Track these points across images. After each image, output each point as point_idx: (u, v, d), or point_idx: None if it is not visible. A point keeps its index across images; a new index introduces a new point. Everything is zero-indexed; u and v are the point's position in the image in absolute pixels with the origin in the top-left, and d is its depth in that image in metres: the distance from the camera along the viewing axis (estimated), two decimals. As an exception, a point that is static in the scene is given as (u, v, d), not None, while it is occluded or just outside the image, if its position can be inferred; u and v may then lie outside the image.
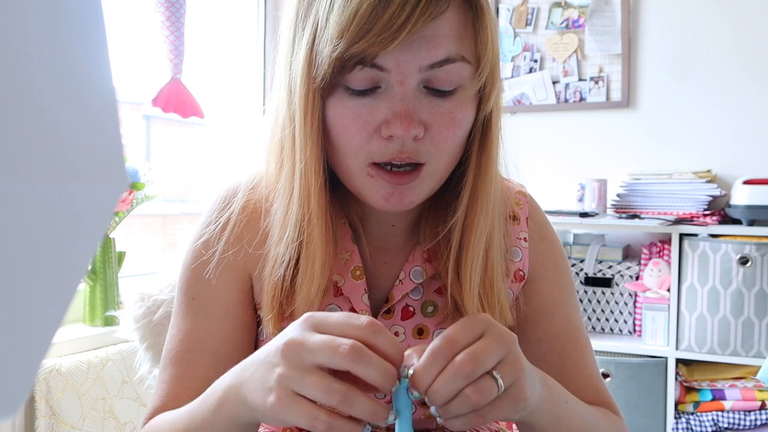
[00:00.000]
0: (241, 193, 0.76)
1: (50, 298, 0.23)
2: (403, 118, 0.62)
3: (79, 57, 0.23)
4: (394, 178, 0.65)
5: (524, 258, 0.79)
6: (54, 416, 1.46)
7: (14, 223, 0.21)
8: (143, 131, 3.42)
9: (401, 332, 0.74)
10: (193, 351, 0.73)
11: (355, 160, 0.65)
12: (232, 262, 0.75)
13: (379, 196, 0.66)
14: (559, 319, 0.79)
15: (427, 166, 0.66)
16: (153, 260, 2.37)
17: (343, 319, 0.53)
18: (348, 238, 0.75)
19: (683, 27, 2.29)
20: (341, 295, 0.74)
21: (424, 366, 0.52)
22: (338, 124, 0.65)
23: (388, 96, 0.63)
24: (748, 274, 1.96)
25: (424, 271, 0.75)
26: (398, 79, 0.63)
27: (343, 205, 0.74)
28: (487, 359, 0.52)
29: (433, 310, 0.75)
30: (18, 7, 0.21)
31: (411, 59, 0.62)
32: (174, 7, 1.84)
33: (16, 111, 0.20)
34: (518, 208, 0.81)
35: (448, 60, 0.63)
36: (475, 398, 0.51)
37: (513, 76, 2.49)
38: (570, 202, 2.36)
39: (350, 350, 0.50)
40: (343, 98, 0.64)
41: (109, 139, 0.24)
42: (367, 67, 0.62)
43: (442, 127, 0.65)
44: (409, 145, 0.64)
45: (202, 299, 0.75)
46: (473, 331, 0.53)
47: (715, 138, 2.26)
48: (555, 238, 0.84)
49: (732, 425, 1.95)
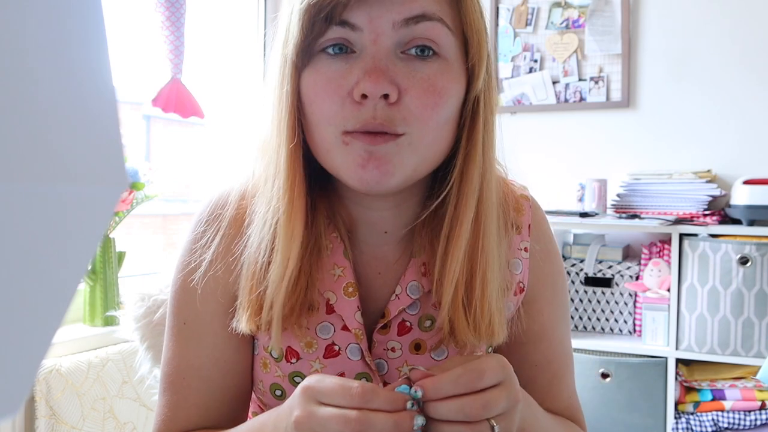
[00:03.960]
0: (229, 206, 0.74)
1: (50, 298, 0.23)
2: (371, 72, 0.60)
3: (79, 57, 0.23)
4: (369, 138, 0.61)
5: (524, 270, 0.77)
6: (54, 416, 1.46)
7: (14, 223, 0.21)
8: (143, 131, 3.42)
9: (398, 348, 0.72)
10: (188, 379, 0.73)
11: (329, 128, 0.62)
12: (219, 281, 0.73)
13: (355, 164, 0.62)
14: (554, 342, 0.79)
15: (406, 137, 0.62)
16: (153, 260, 2.37)
17: (338, 388, 0.55)
18: (340, 254, 0.71)
19: (683, 27, 2.29)
20: (333, 313, 0.71)
21: (445, 382, 0.55)
22: (312, 92, 0.63)
23: (362, 58, 0.61)
24: (748, 274, 1.96)
25: (420, 285, 0.72)
26: (371, 37, 0.61)
27: (331, 216, 0.72)
28: (494, 410, 0.55)
29: (431, 325, 0.73)
30: (18, 7, 0.21)
31: (384, 14, 0.60)
32: (174, 7, 1.84)
33: (16, 111, 0.20)
34: (520, 216, 0.77)
35: (424, 16, 0.61)
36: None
37: (513, 76, 2.49)
38: (570, 202, 2.36)
39: (356, 420, 0.53)
40: (318, 65, 0.63)
41: (109, 139, 0.24)
42: (337, 25, 0.61)
43: (421, 93, 0.61)
44: (382, 110, 0.61)
45: (191, 326, 0.74)
46: (497, 377, 0.56)
47: (715, 138, 2.26)
48: (556, 252, 0.81)
49: (732, 425, 1.95)
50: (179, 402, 0.73)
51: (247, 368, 0.76)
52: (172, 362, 0.74)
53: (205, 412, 0.73)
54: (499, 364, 0.57)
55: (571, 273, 2.26)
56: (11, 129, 0.20)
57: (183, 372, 0.73)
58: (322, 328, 0.72)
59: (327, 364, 0.71)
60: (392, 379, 0.72)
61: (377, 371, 0.72)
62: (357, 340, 0.71)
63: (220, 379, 0.74)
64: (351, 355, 0.71)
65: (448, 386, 0.54)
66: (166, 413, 0.74)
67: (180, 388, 0.73)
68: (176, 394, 0.73)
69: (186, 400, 0.73)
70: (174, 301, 0.75)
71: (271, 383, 0.74)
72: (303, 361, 0.72)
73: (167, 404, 0.74)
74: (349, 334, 0.71)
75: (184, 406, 0.73)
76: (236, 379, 0.75)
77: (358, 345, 0.71)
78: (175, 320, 0.75)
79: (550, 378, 0.78)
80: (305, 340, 0.71)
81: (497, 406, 0.55)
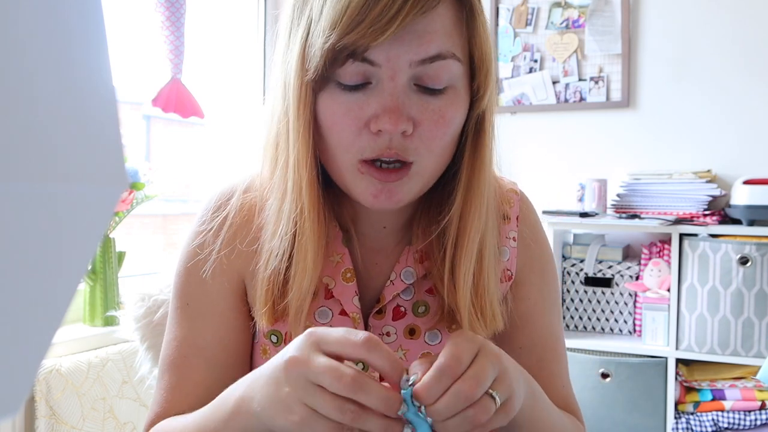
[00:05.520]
0: (236, 196, 0.76)
1: (50, 298, 0.23)
2: (391, 112, 0.63)
3: (79, 57, 0.23)
4: (382, 175, 0.65)
5: (512, 258, 0.80)
6: (54, 416, 1.46)
7: (14, 223, 0.21)
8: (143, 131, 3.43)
9: (393, 332, 0.75)
10: (190, 358, 0.74)
11: (346, 155, 0.66)
12: (225, 265, 0.75)
13: (368, 193, 0.66)
14: (541, 327, 0.80)
15: (415, 165, 0.66)
16: (153, 260, 2.37)
17: (342, 335, 0.55)
18: (339, 241, 0.75)
19: (683, 27, 2.29)
20: (332, 298, 0.74)
21: (431, 383, 0.55)
22: (329, 119, 0.66)
23: (379, 91, 0.64)
24: (748, 274, 1.96)
25: (415, 271, 0.75)
26: (388, 74, 0.63)
27: (335, 207, 0.75)
28: (486, 380, 0.55)
29: (425, 310, 0.75)
30: (18, 7, 0.21)
31: (402, 54, 0.63)
32: (174, 7, 1.84)
33: (16, 111, 0.20)
34: (509, 207, 0.81)
35: (439, 56, 0.64)
36: (476, 418, 0.55)
37: (513, 76, 2.49)
38: (570, 202, 2.36)
39: (352, 380, 0.52)
40: (335, 93, 0.65)
41: (109, 139, 0.24)
42: (358, 61, 0.63)
43: (431, 125, 0.65)
44: (397, 141, 0.64)
45: (196, 305, 0.75)
46: (473, 350, 0.56)
47: (715, 138, 2.26)
48: (545, 242, 0.84)
49: (732, 425, 1.95)
50: (179, 382, 0.73)
51: (247, 352, 0.77)
52: (173, 343, 0.75)
53: (206, 392, 0.72)
54: (465, 338, 0.58)
55: (571, 273, 2.26)
56: (11, 129, 0.20)
57: (186, 351, 0.74)
58: (321, 312, 0.74)
59: None
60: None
61: None
62: (354, 324, 0.73)
63: (224, 359, 0.74)
64: None
65: (436, 386, 0.54)
66: (165, 396, 0.74)
67: (181, 368, 0.74)
68: (177, 374, 0.74)
69: (187, 380, 0.73)
70: (178, 285, 0.77)
71: None
72: None
73: (166, 387, 0.74)
74: (347, 318, 0.73)
75: (186, 386, 0.73)
76: (238, 361, 0.76)
77: (356, 329, 0.73)
78: (178, 303, 0.76)
79: (536, 362, 0.79)
80: (304, 325, 0.73)
81: (486, 374, 0.55)
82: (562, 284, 2.27)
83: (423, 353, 0.74)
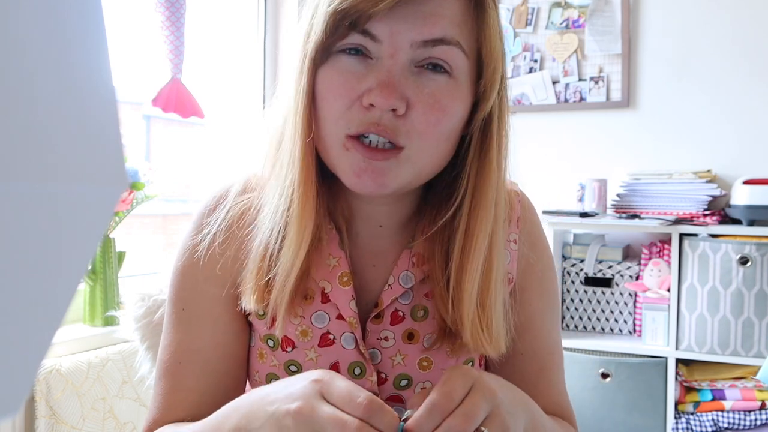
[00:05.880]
0: (231, 196, 0.76)
1: (50, 298, 0.23)
2: (384, 87, 0.62)
3: (79, 57, 0.23)
4: (368, 152, 0.64)
5: (512, 261, 0.79)
6: (54, 416, 1.46)
7: (14, 223, 0.21)
8: (143, 131, 3.43)
9: (391, 337, 0.74)
10: (185, 363, 0.74)
11: (333, 128, 0.65)
12: (220, 268, 0.74)
13: (351, 171, 0.65)
14: (541, 333, 0.80)
15: (406, 150, 0.64)
16: (153, 260, 2.37)
17: (346, 393, 0.55)
18: (335, 244, 0.73)
19: (683, 27, 2.29)
20: (329, 302, 0.73)
21: (421, 419, 0.55)
22: (325, 89, 0.65)
23: (378, 67, 0.64)
24: (748, 274, 1.96)
25: (413, 275, 0.74)
26: (389, 51, 0.63)
27: (331, 207, 0.74)
28: (478, 417, 0.55)
29: (424, 315, 0.74)
30: (18, 8, 0.21)
31: (404, 31, 0.62)
32: (174, 7, 1.84)
33: (16, 111, 0.20)
34: (509, 208, 0.79)
35: (443, 41, 0.63)
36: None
37: (513, 76, 2.49)
38: (570, 202, 2.36)
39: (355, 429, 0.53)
40: (335, 65, 0.65)
41: (109, 139, 0.24)
42: (359, 33, 0.63)
43: (425, 108, 0.64)
44: (387, 119, 0.63)
45: (191, 310, 0.75)
46: (466, 385, 0.56)
47: (715, 138, 2.26)
48: (545, 245, 0.82)
49: (732, 425, 1.95)
50: (175, 387, 0.73)
51: (244, 357, 0.77)
52: (170, 348, 0.75)
53: (201, 398, 0.72)
54: (460, 372, 0.58)
55: (571, 273, 2.26)
56: (11, 129, 0.20)
57: (181, 357, 0.74)
58: (318, 316, 0.73)
59: (322, 353, 0.73)
60: (386, 369, 0.73)
61: (371, 360, 0.73)
62: (351, 329, 0.72)
63: (219, 364, 0.74)
64: (345, 344, 0.73)
65: (426, 422, 0.55)
66: (161, 401, 0.73)
67: (177, 373, 0.73)
68: (173, 379, 0.73)
69: (182, 384, 0.73)
70: (173, 288, 0.76)
71: (267, 373, 0.75)
72: (298, 349, 0.73)
73: (162, 391, 0.74)
74: (344, 323, 0.73)
75: (180, 391, 0.73)
76: (234, 366, 0.75)
77: (353, 334, 0.73)
78: (174, 307, 0.76)
79: (537, 369, 0.79)
80: (301, 329, 0.73)
81: (478, 410, 0.55)
82: (562, 284, 2.27)
83: (421, 358, 0.74)
